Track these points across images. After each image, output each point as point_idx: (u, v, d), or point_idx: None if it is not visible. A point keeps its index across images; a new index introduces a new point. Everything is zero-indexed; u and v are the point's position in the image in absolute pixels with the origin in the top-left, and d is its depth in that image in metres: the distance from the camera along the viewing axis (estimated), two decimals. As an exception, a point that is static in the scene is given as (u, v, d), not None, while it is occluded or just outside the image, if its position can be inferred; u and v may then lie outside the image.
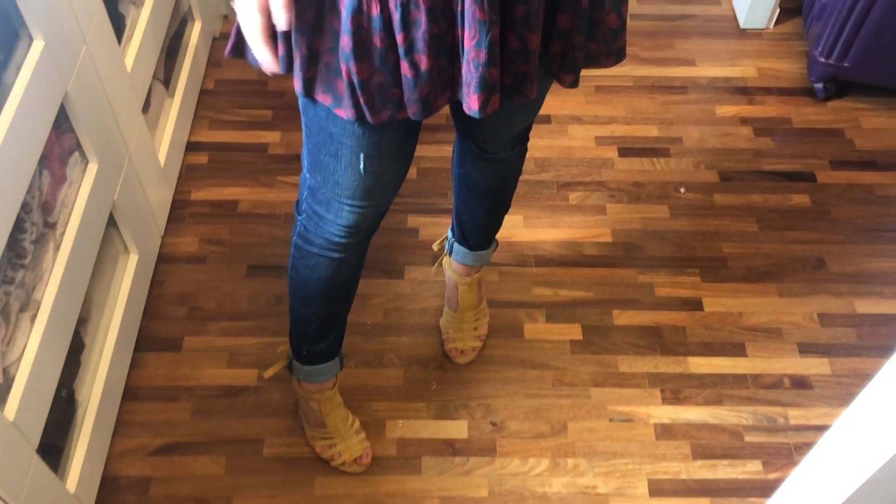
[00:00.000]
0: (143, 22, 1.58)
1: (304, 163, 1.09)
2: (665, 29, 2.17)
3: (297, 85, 0.93)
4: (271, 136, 1.91)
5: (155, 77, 1.72)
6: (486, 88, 0.89)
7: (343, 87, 0.90)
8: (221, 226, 1.75)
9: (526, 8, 0.87)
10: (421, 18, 0.84)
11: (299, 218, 1.17)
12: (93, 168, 1.34)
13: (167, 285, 1.65)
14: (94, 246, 1.34)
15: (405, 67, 0.88)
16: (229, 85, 2.02)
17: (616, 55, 1.01)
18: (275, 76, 0.95)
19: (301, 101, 1.01)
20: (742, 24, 2.17)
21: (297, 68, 0.91)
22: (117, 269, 1.51)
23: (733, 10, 2.21)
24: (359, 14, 0.84)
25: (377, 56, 0.87)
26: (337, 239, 1.13)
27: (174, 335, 1.58)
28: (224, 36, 2.12)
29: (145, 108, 1.65)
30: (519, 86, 0.95)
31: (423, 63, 0.88)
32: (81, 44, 1.29)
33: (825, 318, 1.63)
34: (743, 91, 2.03)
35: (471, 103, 0.91)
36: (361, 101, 0.90)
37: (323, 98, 0.93)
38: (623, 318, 1.63)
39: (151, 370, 1.53)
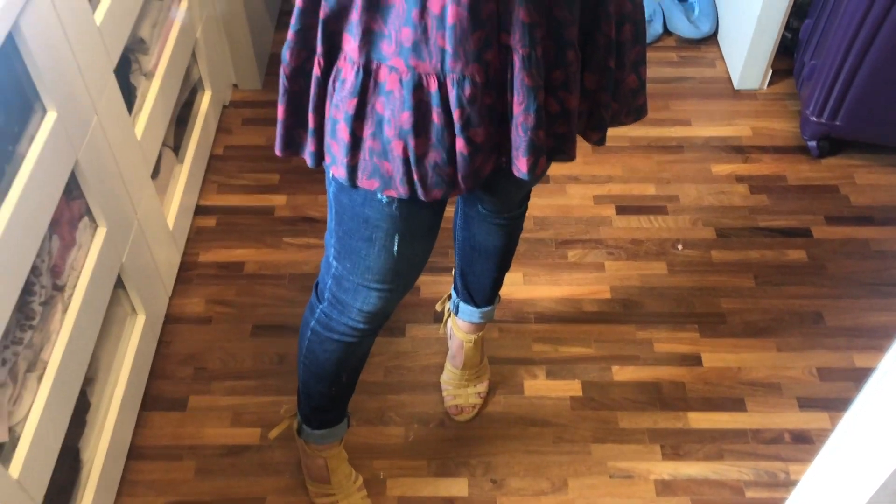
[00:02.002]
0: (154, 92, 1.65)
1: (330, 250, 1.10)
2: (661, 90, 2.23)
3: (341, 173, 0.95)
4: (278, 200, 1.97)
5: (165, 144, 1.79)
6: (535, 151, 0.93)
7: (392, 166, 0.92)
8: (228, 287, 1.79)
9: (564, 72, 0.92)
10: (476, 93, 0.88)
11: (320, 306, 1.17)
12: (101, 232, 1.39)
13: (174, 345, 1.68)
14: (101, 307, 1.38)
15: (461, 144, 0.91)
16: (238, 150, 2.09)
17: (636, 113, 1.06)
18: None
19: (333, 189, 1.03)
20: (736, 85, 2.22)
21: (341, 156, 0.94)
22: (125, 329, 1.55)
23: (727, 72, 2.27)
24: (419, 90, 0.88)
25: (434, 132, 0.90)
26: (359, 326, 1.15)
27: (179, 395, 1.61)
28: (234, 104, 2.20)
29: (155, 173, 1.71)
30: (560, 146, 0.98)
31: (479, 136, 0.91)
32: (92, 114, 1.35)
33: (824, 372, 1.64)
34: (738, 150, 2.08)
35: (520, 166, 0.94)
36: (416, 177, 0.93)
37: (368, 184, 0.95)
38: (623, 374, 1.64)
39: (157, 429, 1.56)
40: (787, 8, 2.04)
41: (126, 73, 1.59)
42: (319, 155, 0.99)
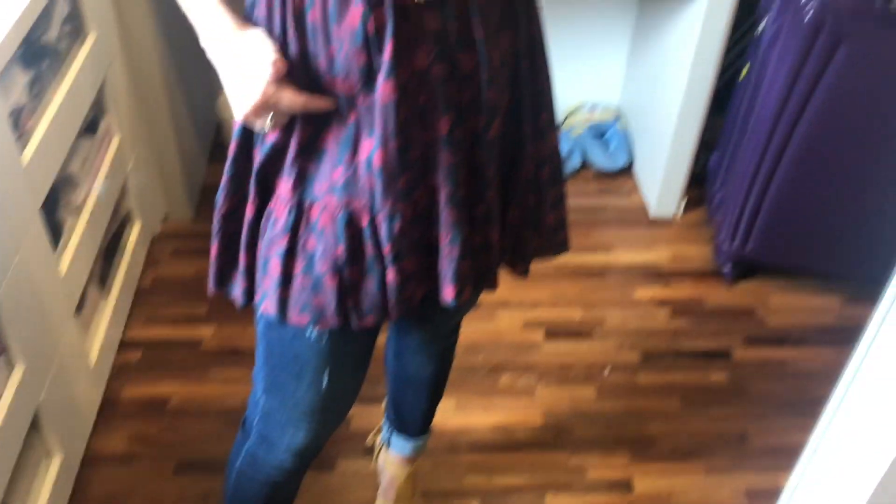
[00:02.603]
0: (81, 227, 1.65)
1: (258, 385, 1.10)
2: (583, 219, 2.32)
3: (272, 309, 0.96)
4: (205, 331, 1.94)
5: (91, 278, 1.76)
6: (461, 280, 0.96)
7: (325, 299, 0.94)
8: (150, 424, 1.73)
9: (486, 208, 0.97)
10: (406, 228, 0.92)
11: (247, 442, 1.16)
12: (18, 372, 1.35)
13: (91, 488, 1.60)
14: (13, 453, 1.32)
15: (392, 274, 0.94)
16: (166, 282, 2.07)
17: (557, 248, 1.11)
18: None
19: (262, 325, 1.03)
20: (652, 214, 2.33)
21: (272, 292, 0.95)
22: (38, 472, 1.47)
23: (644, 202, 2.39)
24: (351, 225, 0.91)
25: (367, 262, 0.93)
26: (287, 465, 1.13)
27: (96, 542, 1.52)
28: (164, 235, 2.20)
29: (79, 308, 1.67)
30: (484, 277, 1.02)
31: (409, 267, 0.95)
32: (14, 254, 1.33)
33: (752, 494, 1.66)
34: (658, 275, 2.16)
35: (446, 294, 0.97)
36: (349, 305, 0.95)
37: (299, 318, 0.96)
38: (557, 502, 1.63)
39: (69, 581, 1.46)
40: (696, 142, 2.18)
41: (53, 209, 1.58)
42: (250, 293, 1.00)
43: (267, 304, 0.97)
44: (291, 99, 0.86)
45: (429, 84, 0.87)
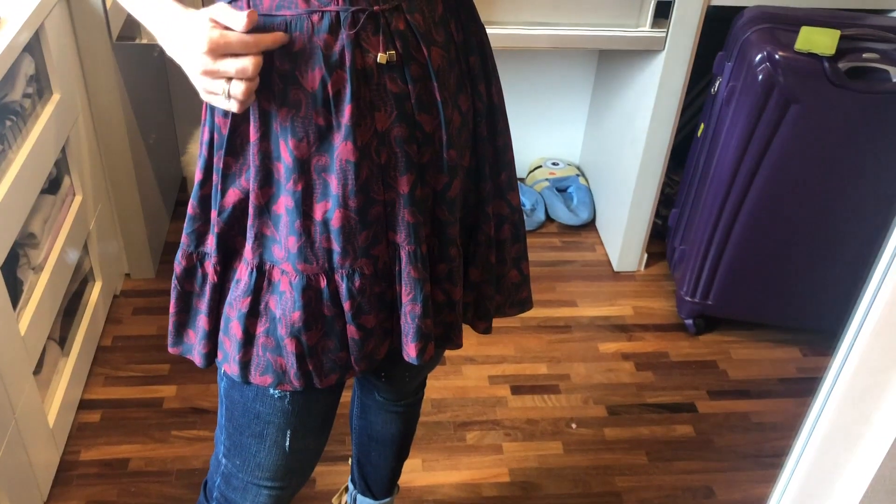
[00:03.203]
0: (42, 286, 1.63)
1: (219, 447, 1.08)
2: (546, 273, 2.34)
3: (234, 370, 0.96)
4: (167, 391, 1.91)
5: (50, 337, 1.73)
6: (423, 337, 0.96)
7: (286, 361, 0.93)
8: (110, 487, 1.69)
9: (448, 265, 0.98)
10: (366, 284, 0.92)
11: None
12: (-26, 436, 1.31)
13: (46, 556, 1.55)
14: (-33, 519, 1.28)
15: (352, 331, 0.94)
16: (127, 341, 2.04)
17: (519, 306, 1.12)
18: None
19: (224, 385, 1.02)
20: (615, 268, 2.37)
21: (234, 353, 0.95)
22: (-8, 541, 1.43)
23: (607, 256, 2.42)
24: (308, 289, 0.91)
25: (326, 324, 0.93)
26: None
27: None
28: (126, 293, 2.18)
29: (38, 368, 1.64)
30: (448, 334, 1.03)
31: (370, 322, 0.95)
32: (-26, 313, 1.31)
33: (720, 548, 1.66)
34: (622, 328, 2.18)
35: (409, 351, 0.97)
36: (310, 367, 0.94)
37: (261, 380, 0.96)
38: (524, 561, 1.61)
39: None
40: (656, 198, 2.23)
41: (13, 268, 1.56)
42: (211, 355, 0.99)
43: (228, 365, 0.97)
44: (240, 39, 0.79)
45: (389, 145, 0.88)
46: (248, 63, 0.79)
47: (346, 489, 1.54)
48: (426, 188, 0.93)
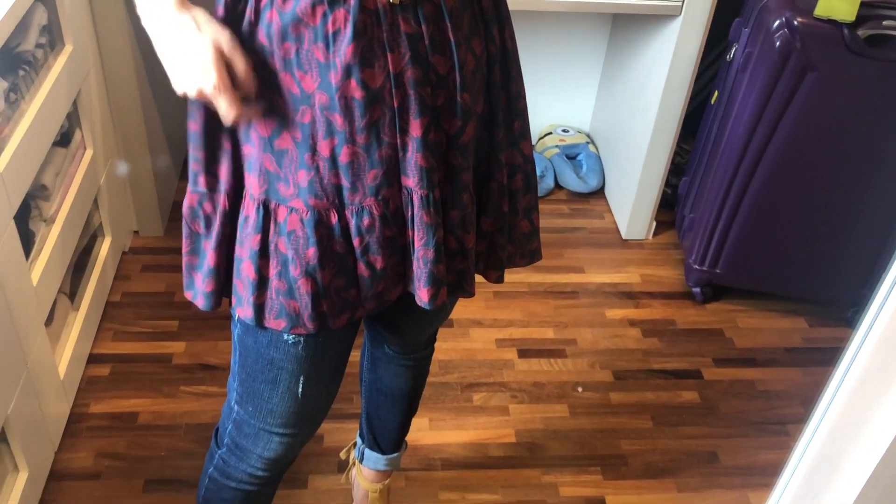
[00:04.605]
0: (53, 238, 1.63)
1: (232, 394, 1.09)
2: (554, 240, 2.34)
3: (248, 313, 0.95)
4: (176, 347, 1.92)
5: (61, 291, 1.74)
6: (435, 283, 0.97)
7: (299, 304, 0.94)
8: (119, 439, 1.70)
9: (461, 212, 0.98)
10: (375, 224, 0.92)
11: (219, 451, 1.14)
12: (-12, 383, 1.32)
13: (57, 505, 1.57)
14: (-19, 464, 1.29)
15: (362, 268, 0.95)
16: (136, 297, 2.04)
17: (529, 256, 1.12)
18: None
19: (238, 331, 1.02)
20: (624, 236, 2.37)
21: (247, 296, 0.95)
22: (4, 488, 1.44)
23: (615, 224, 2.42)
24: (321, 225, 0.91)
25: (337, 261, 0.93)
26: (259, 473, 1.12)
27: (61, 560, 1.49)
28: (134, 250, 2.18)
29: (48, 320, 1.65)
30: (460, 282, 1.03)
31: (378, 263, 0.95)
32: (-11, 260, 1.31)
33: (723, 511, 1.68)
34: (629, 296, 2.19)
35: (422, 296, 0.98)
36: (324, 307, 0.95)
37: (275, 324, 0.96)
38: (530, 520, 1.63)
39: None
40: (666, 167, 2.22)
41: (26, 219, 1.56)
42: (216, 296, 0.98)
43: (242, 309, 0.97)
44: (242, 81, 0.84)
45: (403, 87, 0.88)
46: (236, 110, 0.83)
47: (355, 444, 1.55)
48: (439, 133, 0.93)
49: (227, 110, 0.83)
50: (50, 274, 1.60)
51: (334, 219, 0.92)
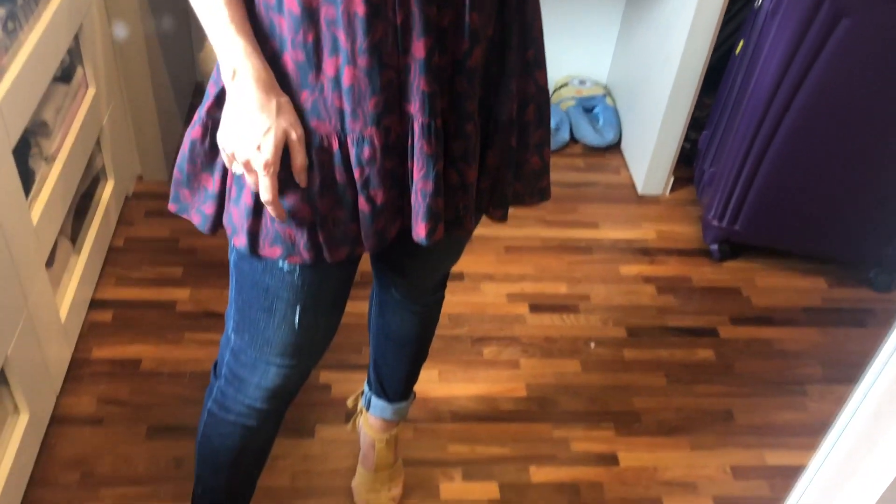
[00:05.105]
0: (54, 178, 1.57)
1: (229, 323, 1.06)
2: (569, 194, 2.29)
3: (242, 241, 0.93)
4: (180, 294, 1.88)
5: (62, 233, 1.69)
6: (433, 217, 0.93)
7: (296, 232, 0.91)
8: (122, 385, 1.67)
9: (464, 144, 0.92)
10: (376, 156, 0.88)
11: (217, 383, 1.11)
12: (-14, 321, 1.28)
13: (59, 448, 1.54)
14: (-21, 404, 1.25)
15: (362, 202, 0.91)
16: (140, 242, 2.00)
17: (540, 194, 1.06)
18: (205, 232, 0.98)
19: (234, 257, 1.00)
20: (640, 191, 2.30)
21: (242, 223, 0.92)
22: (4, 430, 1.40)
23: (631, 179, 2.36)
24: (322, 151, 0.88)
25: (338, 190, 0.90)
26: (258, 405, 1.09)
27: (63, 503, 1.45)
28: (138, 195, 2.12)
29: (49, 263, 1.60)
30: (459, 218, 0.98)
31: (379, 197, 0.91)
32: (-14, 194, 1.26)
33: (738, 470, 1.64)
34: (644, 252, 2.13)
35: (419, 231, 0.94)
36: (321, 238, 0.92)
37: (270, 251, 0.93)
38: (540, 474, 1.59)
39: (33, 544, 1.40)
40: (687, 120, 2.15)
41: (25, 156, 1.51)
42: (215, 219, 0.96)
43: (237, 237, 0.94)
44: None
45: (407, 3, 0.82)
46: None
47: (363, 392, 1.52)
48: (445, 56, 0.87)
49: (265, 190, 0.86)
50: (50, 214, 1.55)
51: (335, 145, 0.88)
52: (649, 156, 2.23)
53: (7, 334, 1.35)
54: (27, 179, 1.49)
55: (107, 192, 1.95)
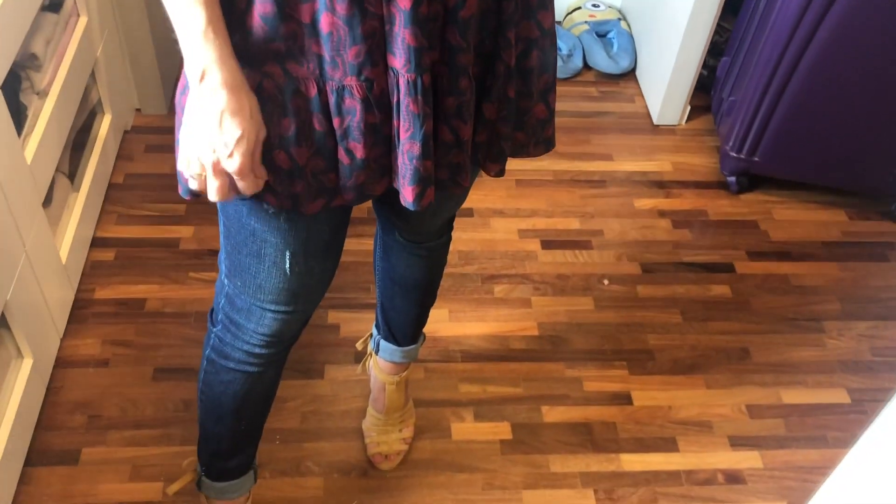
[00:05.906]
0: (47, 113, 1.51)
1: (222, 267, 1.02)
2: (582, 125, 2.21)
3: None
4: (184, 231, 1.83)
5: (59, 170, 1.64)
6: (421, 181, 0.87)
7: (274, 178, 0.86)
8: (127, 326, 1.64)
9: (457, 99, 0.86)
10: (356, 107, 0.82)
11: (214, 329, 1.08)
12: (-18, 266, 1.24)
13: (65, 391, 1.52)
14: (-20, 351, 1.22)
15: (341, 153, 0.86)
16: (140, 179, 1.94)
17: (545, 144, 1.00)
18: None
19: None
20: (655, 121, 2.23)
21: None
22: (8, 374, 1.38)
23: (647, 108, 2.28)
24: (297, 95, 0.82)
25: (316, 139, 0.84)
26: (257, 350, 1.05)
27: (70, 447, 1.44)
28: (137, 129, 2.06)
29: (47, 202, 1.55)
30: (453, 177, 0.92)
31: (359, 151, 0.85)
32: (-26, 133, 1.21)
33: (753, 409, 1.62)
34: (659, 185, 2.07)
35: (406, 195, 0.88)
36: (298, 189, 0.86)
37: None
38: (553, 414, 1.57)
39: (43, 487, 1.39)
40: (706, 46, 2.06)
41: (16, 91, 1.44)
42: None
43: None
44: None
45: None
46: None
47: (371, 335, 1.48)
48: (434, 5, 0.79)
49: (247, 189, 0.82)
50: (45, 151, 1.49)
51: (313, 91, 0.82)
52: (665, 84, 2.15)
53: (6, 278, 1.31)
54: (19, 115, 1.43)
55: (104, 126, 1.88)
